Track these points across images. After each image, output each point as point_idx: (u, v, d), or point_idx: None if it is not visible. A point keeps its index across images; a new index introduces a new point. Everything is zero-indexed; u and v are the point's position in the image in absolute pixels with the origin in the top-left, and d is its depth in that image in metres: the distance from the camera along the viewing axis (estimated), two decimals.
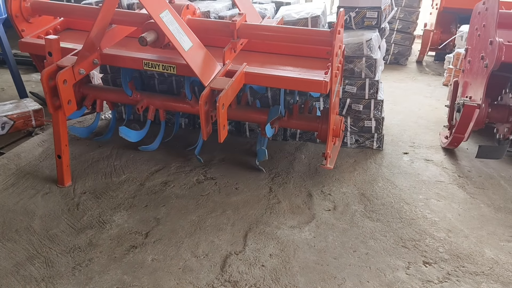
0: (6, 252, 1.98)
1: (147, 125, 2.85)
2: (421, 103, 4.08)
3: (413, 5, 5.15)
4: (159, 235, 2.14)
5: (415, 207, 2.44)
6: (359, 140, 3.09)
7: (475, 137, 3.32)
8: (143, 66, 2.31)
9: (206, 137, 2.10)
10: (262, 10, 2.89)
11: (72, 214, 2.28)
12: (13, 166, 2.69)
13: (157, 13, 1.92)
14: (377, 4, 2.96)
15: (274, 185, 2.62)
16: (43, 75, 2.13)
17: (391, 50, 5.34)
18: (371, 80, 2.85)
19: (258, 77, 2.19)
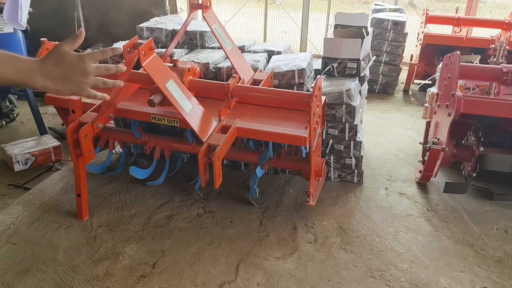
0: (37, 282, 2.37)
1: (154, 164, 3.24)
2: (402, 135, 4.47)
3: (399, 39, 5.55)
4: (164, 266, 2.53)
5: (385, 239, 2.82)
6: (341, 175, 3.48)
7: (447, 171, 3.70)
8: (151, 119, 2.72)
9: (204, 184, 2.50)
10: (254, 62, 3.29)
11: (90, 246, 2.67)
12: (37, 201, 3.09)
13: (163, 83, 2.33)
14: (356, 56, 3.37)
15: (264, 218, 3.00)
16: (68, 130, 2.54)
17: (379, 80, 5.74)
18: (351, 124, 3.24)
19: (249, 132, 2.60)
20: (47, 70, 1.28)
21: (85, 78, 1.33)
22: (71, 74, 1.30)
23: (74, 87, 1.33)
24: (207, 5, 2.90)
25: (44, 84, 1.28)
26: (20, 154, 3.54)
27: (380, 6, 6.35)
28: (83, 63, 1.31)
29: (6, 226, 2.81)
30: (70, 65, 1.30)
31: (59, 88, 1.31)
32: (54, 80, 1.29)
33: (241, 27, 8.86)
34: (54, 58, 1.29)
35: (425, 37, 5.38)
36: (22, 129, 4.39)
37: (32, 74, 1.26)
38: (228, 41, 2.98)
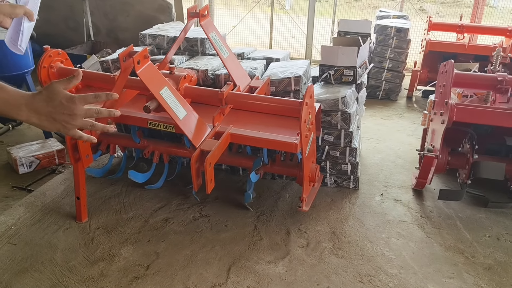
0: (34, 281, 2.46)
1: (152, 168, 3.31)
2: (402, 142, 4.49)
3: (402, 46, 5.58)
4: (157, 268, 2.60)
5: (377, 245, 2.86)
6: (337, 180, 3.52)
7: (443, 178, 3.72)
8: (148, 125, 2.79)
9: (197, 189, 2.57)
10: (252, 69, 3.36)
11: (87, 248, 2.75)
12: (39, 203, 3.19)
13: (157, 90, 2.40)
14: (353, 64, 3.42)
15: (258, 223, 3.06)
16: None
17: (382, 87, 5.77)
18: (346, 131, 3.29)
19: (242, 138, 2.66)
20: (36, 105, 1.29)
21: (72, 119, 1.32)
22: (58, 114, 1.30)
23: (60, 126, 1.32)
24: (204, 13, 2.98)
25: (28, 118, 1.29)
26: (24, 157, 3.64)
27: (385, 12, 6.38)
28: (72, 104, 1.30)
29: (8, 227, 2.90)
30: (59, 104, 1.30)
31: (44, 124, 1.32)
32: (40, 116, 1.30)
33: (249, 32, 8.93)
34: (44, 95, 1.30)
35: (427, 44, 5.40)
36: (29, 133, 4.50)
37: (16, 107, 1.28)
38: (225, 49, 3.06)
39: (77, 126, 1.33)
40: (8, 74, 3.78)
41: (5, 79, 3.79)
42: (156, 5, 6.32)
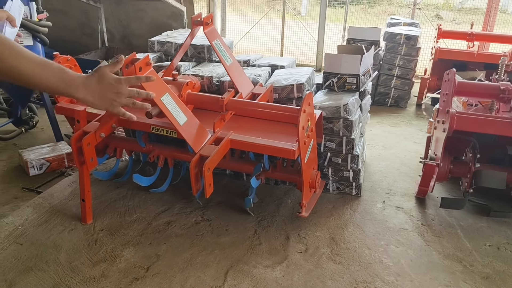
0: (37, 280, 2.54)
1: (157, 172, 3.39)
2: (408, 150, 4.49)
3: (412, 54, 5.58)
4: (157, 270, 2.66)
5: (375, 252, 2.88)
6: (339, 187, 3.54)
7: (447, 186, 3.71)
8: (151, 130, 2.87)
9: (196, 193, 2.63)
10: (256, 76, 3.42)
11: (90, 249, 2.83)
12: (47, 204, 3.28)
13: (158, 97, 2.47)
14: (356, 71, 3.45)
15: (259, 227, 3.10)
16: (72, 139, 2.72)
17: (391, 94, 5.78)
18: (348, 138, 3.32)
19: (241, 144, 2.71)
20: (89, 86, 1.51)
21: (119, 97, 1.56)
22: (107, 93, 1.54)
23: (108, 104, 1.56)
24: (208, 22, 3.05)
25: (84, 97, 1.51)
26: (35, 159, 3.76)
27: (396, 20, 6.39)
28: (119, 84, 1.55)
29: (15, 227, 3.00)
30: (108, 85, 1.54)
31: (96, 102, 1.54)
32: (93, 95, 1.52)
33: (262, 38, 9.01)
34: (96, 76, 1.53)
35: (436, 52, 5.40)
36: (42, 136, 4.64)
37: (76, 87, 1.48)
38: (228, 56, 3.12)
39: (122, 104, 1.59)
40: None
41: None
42: (169, 12, 6.44)
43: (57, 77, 1.44)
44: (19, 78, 1.39)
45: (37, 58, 1.43)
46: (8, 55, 1.35)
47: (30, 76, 1.39)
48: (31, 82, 1.42)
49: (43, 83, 1.44)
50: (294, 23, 8.82)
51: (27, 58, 1.40)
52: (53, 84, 1.44)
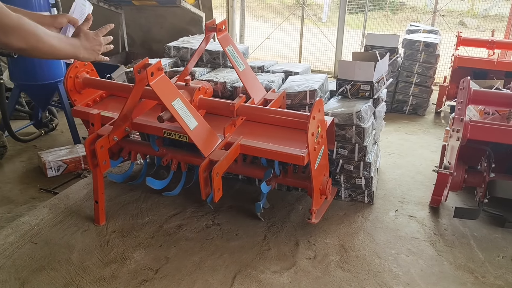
0: (49, 279, 2.60)
1: (170, 175, 3.43)
2: (424, 158, 4.44)
3: (431, 61, 5.52)
4: (166, 272, 2.69)
5: (385, 260, 2.85)
6: (351, 194, 3.52)
7: (463, 196, 3.65)
8: (163, 134, 2.91)
9: (205, 197, 2.65)
10: (269, 82, 3.43)
11: (102, 250, 2.88)
12: (62, 205, 3.36)
13: (169, 102, 2.52)
14: (370, 78, 3.43)
15: (269, 233, 3.11)
16: (86, 142, 2.78)
17: (409, 101, 5.72)
18: (360, 145, 3.30)
19: (251, 149, 2.73)
20: (84, 44, 1.83)
21: (100, 47, 1.91)
22: (94, 46, 1.88)
23: (96, 54, 1.90)
24: (221, 28, 3.09)
25: (84, 55, 1.84)
26: (53, 161, 3.85)
27: (415, 26, 6.34)
28: (97, 36, 1.90)
29: (31, 226, 3.08)
30: (93, 39, 1.88)
31: (89, 57, 1.88)
32: (87, 51, 1.85)
33: (281, 44, 9.03)
34: (82, 36, 1.85)
35: (455, 60, 5.32)
36: (61, 138, 4.75)
37: (78, 48, 1.81)
38: (241, 62, 3.15)
39: (101, 51, 1.93)
40: (42, 83, 4.01)
41: (39, 87, 4.04)
42: (188, 18, 6.52)
43: (70, 44, 1.77)
44: (54, 53, 1.69)
45: (53, 33, 1.73)
46: (44, 35, 1.62)
47: (59, 49, 1.70)
48: (60, 54, 1.74)
49: (65, 52, 1.75)
50: (314, 29, 8.82)
51: (51, 33, 1.68)
52: (70, 50, 1.76)
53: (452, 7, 11.97)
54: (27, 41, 1.55)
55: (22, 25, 1.52)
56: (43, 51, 1.64)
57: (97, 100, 3.34)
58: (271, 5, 11.77)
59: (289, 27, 9.10)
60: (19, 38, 1.52)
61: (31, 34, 1.56)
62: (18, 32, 1.51)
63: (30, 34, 1.56)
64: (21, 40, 1.53)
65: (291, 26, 9.15)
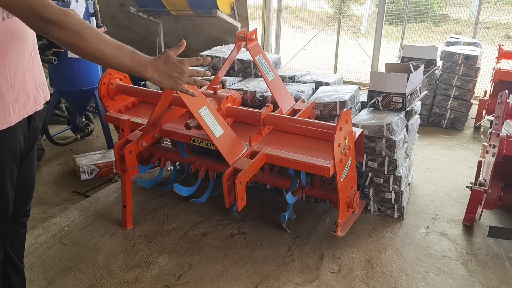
0: (75, 280, 2.66)
1: (198, 183, 3.45)
2: (460, 174, 4.28)
3: (471, 74, 5.34)
4: (188, 279, 2.70)
5: (413, 278, 2.75)
6: (381, 208, 3.44)
7: (498, 214, 3.49)
8: (190, 141, 2.94)
9: (228, 205, 2.65)
10: (298, 92, 3.42)
11: (128, 253, 2.93)
12: (92, 208, 3.44)
13: (196, 109, 2.54)
14: (402, 90, 3.36)
15: (293, 244, 3.07)
16: (116, 147, 2.84)
17: (447, 115, 5.54)
18: (390, 158, 3.22)
19: (276, 158, 2.71)
20: (157, 65, 1.71)
21: (182, 76, 1.76)
22: (172, 72, 1.74)
23: (173, 82, 1.76)
24: (251, 37, 3.10)
25: (152, 76, 1.71)
26: (86, 164, 3.96)
27: (455, 39, 6.16)
28: (182, 64, 1.75)
29: (61, 228, 3.17)
30: (173, 65, 1.74)
31: (162, 81, 1.74)
32: (160, 74, 1.72)
33: (319, 55, 8.98)
34: (162, 58, 1.74)
35: (496, 73, 5.13)
36: (96, 143, 4.88)
37: (145, 66, 1.69)
38: (270, 72, 3.15)
39: (185, 82, 1.79)
40: (79, 89, 4.15)
41: (76, 93, 4.17)
42: (224, 28, 6.61)
43: (131, 58, 1.66)
44: (102, 58, 1.62)
45: (114, 41, 1.66)
46: (92, 38, 1.58)
47: (110, 57, 1.62)
48: (111, 62, 1.65)
49: (120, 63, 1.66)
50: (353, 41, 8.73)
51: (107, 40, 1.62)
52: (128, 63, 1.66)
53: (497, 20, 11.60)
54: (68, 38, 1.54)
55: (63, 21, 1.51)
56: (88, 53, 1.60)
57: (129, 106, 3.41)
58: (310, 16, 11.75)
59: (327, 38, 9.05)
60: (60, 32, 1.52)
61: (73, 32, 1.54)
62: (59, 26, 1.51)
63: (72, 32, 1.53)
64: (61, 34, 1.53)
65: (329, 37, 9.09)
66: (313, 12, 12.20)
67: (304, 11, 12.65)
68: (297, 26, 12.50)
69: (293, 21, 12.48)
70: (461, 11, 12.14)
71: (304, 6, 12.95)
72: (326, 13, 11.97)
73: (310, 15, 11.87)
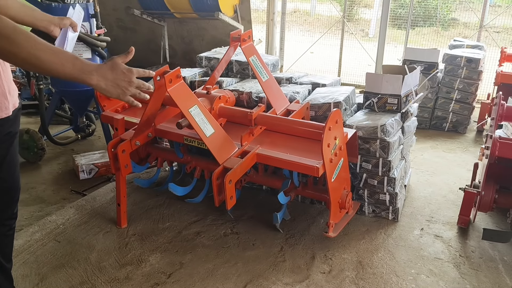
0: (66, 276, 2.69)
1: (193, 183, 3.47)
2: (459, 177, 4.25)
3: (473, 77, 5.31)
4: (178, 277, 2.72)
5: (403, 280, 2.74)
6: (375, 210, 3.43)
7: (495, 217, 3.46)
8: (184, 141, 2.97)
9: (218, 204, 2.66)
10: (294, 93, 3.42)
11: (120, 251, 2.95)
12: (88, 207, 3.48)
13: (186, 108, 2.56)
14: (397, 92, 3.35)
15: (286, 245, 3.07)
16: (109, 146, 2.88)
17: (449, 118, 5.51)
18: (384, 160, 3.21)
19: (267, 158, 2.72)
20: (103, 72, 1.62)
21: (130, 86, 1.68)
22: (120, 81, 1.66)
23: (120, 91, 1.67)
24: (245, 38, 3.13)
25: (97, 83, 1.62)
26: (85, 164, 4.00)
27: (459, 42, 6.13)
28: (131, 74, 1.68)
29: (57, 225, 3.21)
30: (121, 73, 1.66)
31: (109, 89, 1.65)
32: (106, 82, 1.63)
33: (324, 58, 8.98)
34: (109, 65, 1.66)
35: (498, 76, 5.09)
36: (97, 143, 4.93)
37: (89, 73, 1.59)
38: (264, 73, 3.16)
39: (131, 93, 1.70)
40: (79, 89, 4.19)
41: (76, 93, 4.22)
42: (228, 30, 6.62)
43: (72, 64, 1.56)
44: (38, 65, 1.53)
45: (53, 47, 1.56)
46: (25, 42, 1.48)
47: (47, 63, 1.52)
48: (48, 69, 1.55)
49: (59, 69, 1.55)
50: (359, 44, 8.72)
51: (44, 46, 1.52)
52: (69, 70, 1.55)
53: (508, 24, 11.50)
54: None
55: None
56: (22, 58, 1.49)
57: (126, 106, 3.45)
58: (319, 20, 11.75)
59: (335, 42, 9.05)
60: None
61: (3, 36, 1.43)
62: None
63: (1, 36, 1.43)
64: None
65: (336, 41, 9.09)
66: (322, 16, 12.20)
67: (313, 15, 12.65)
68: (305, 30, 12.51)
69: (302, 25, 12.49)
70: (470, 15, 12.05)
71: (313, 10, 12.96)
72: (335, 17, 11.97)
73: (318, 19, 11.86)
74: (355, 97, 3.62)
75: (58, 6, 3.85)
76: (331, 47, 9.05)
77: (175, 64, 6.89)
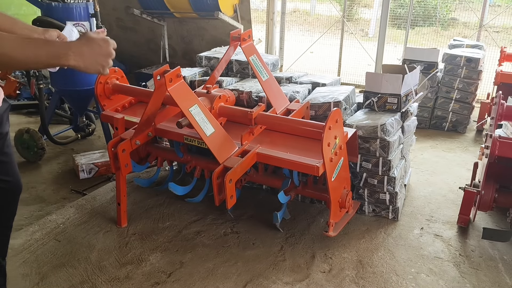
0: (67, 275, 2.69)
1: (193, 182, 3.47)
2: (459, 176, 4.25)
3: (473, 76, 5.31)
4: (178, 276, 2.72)
5: (403, 279, 2.74)
6: (375, 209, 3.43)
7: (496, 216, 3.47)
8: (184, 140, 2.97)
9: (218, 204, 2.67)
10: (294, 93, 3.43)
11: (120, 251, 2.95)
12: (89, 206, 3.48)
13: (186, 107, 2.57)
14: (397, 91, 3.35)
15: (286, 244, 3.08)
16: (109, 145, 2.88)
17: (449, 118, 5.51)
18: (384, 159, 3.22)
19: (267, 157, 2.73)
20: (79, 50, 1.50)
21: (108, 58, 1.57)
22: (98, 56, 1.53)
23: (100, 67, 1.55)
24: (245, 38, 3.13)
25: (76, 63, 1.49)
26: (85, 163, 4.00)
27: (459, 41, 6.13)
28: (108, 46, 1.57)
29: (57, 225, 3.21)
30: (97, 46, 1.54)
31: (88, 66, 1.52)
32: (84, 59, 1.50)
33: (325, 57, 8.97)
34: (83, 40, 1.53)
35: (497, 75, 5.09)
36: (97, 143, 4.93)
37: (64, 55, 1.47)
38: (264, 72, 3.16)
39: (109, 65, 1.59)
40: (80, 89, 4.19)
41: (76, 93, 4.22)
42: (227, 30, 6.61)
43: (46, 52, 1.45)
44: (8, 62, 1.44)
45: (20, 38, 1.47)
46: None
47: (18, 56, 1.41)
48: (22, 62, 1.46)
49: (33, 59, 1.44)
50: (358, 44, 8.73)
51: (11, 39, 1.41)
52: (43, 58, 1.45)
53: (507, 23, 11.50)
54: None
55: None
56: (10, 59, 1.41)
57: (126, 106, 3.45)
58: (318, 20, 11.75)
59: (335, 41, 9.05)
60: None
61: None
62: None
63: None
64: None
65: (336, 41, 9.10)
66: (322, 16, 12.20)
67: (313, 15, 12.65)
68: (305, 29, 12.51)
69: (302, 25, 12.49)
70: (470, 15, 12.04)
71: (313, 10, 12.96)
72: (334, 17, 11.98)
73: (318, 18, 11.86)
74: (355, 97, 3.62)
75: (58, 6, 3.85)
76: (330, 46, 9.06)
77: (175, 64, 6.90)
